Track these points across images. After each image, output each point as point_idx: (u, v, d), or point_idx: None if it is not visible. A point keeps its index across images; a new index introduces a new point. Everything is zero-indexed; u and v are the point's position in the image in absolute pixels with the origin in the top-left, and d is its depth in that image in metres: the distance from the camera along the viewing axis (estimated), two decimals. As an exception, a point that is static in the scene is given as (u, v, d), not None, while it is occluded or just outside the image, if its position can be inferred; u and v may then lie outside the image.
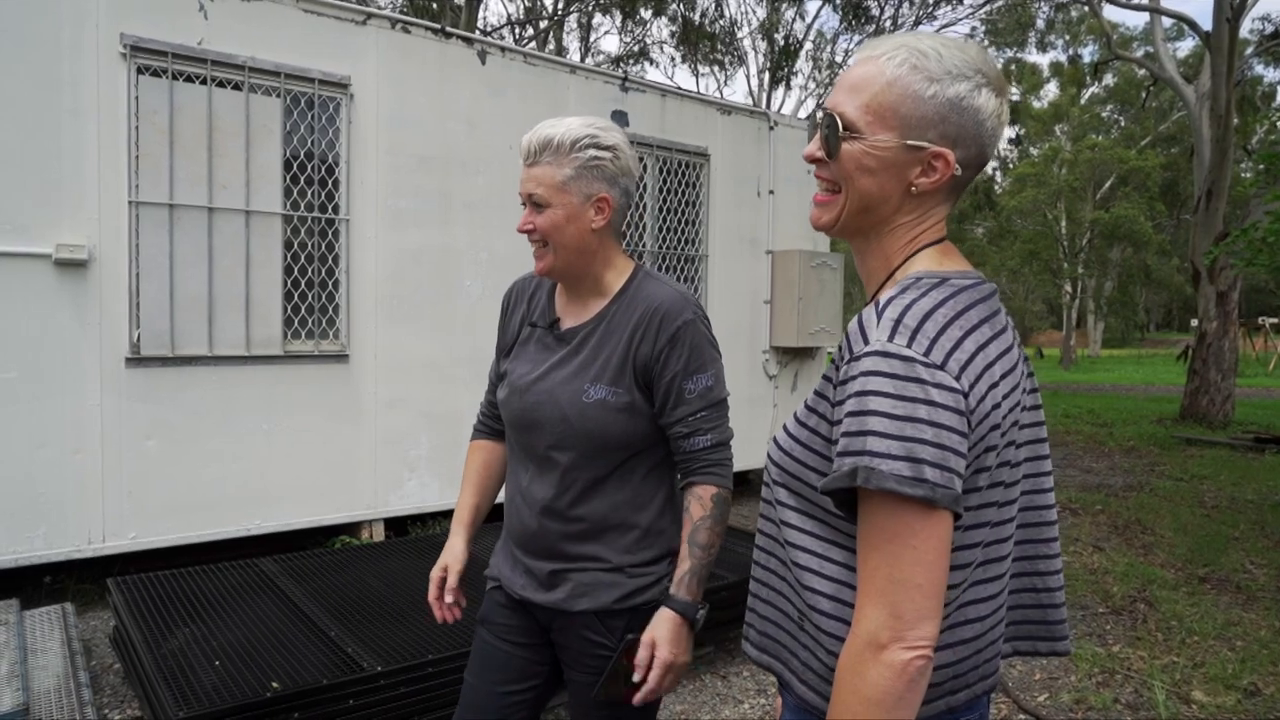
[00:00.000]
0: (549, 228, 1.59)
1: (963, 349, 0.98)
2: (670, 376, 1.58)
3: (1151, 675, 3.67)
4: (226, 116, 4.29)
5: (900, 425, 0.93)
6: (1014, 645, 1.17)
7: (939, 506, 0.93)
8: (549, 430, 1.61)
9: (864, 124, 1.06)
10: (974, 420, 0.97)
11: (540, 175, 1.57)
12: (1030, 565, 1.14)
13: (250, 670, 2.69)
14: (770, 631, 1.18)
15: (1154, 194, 28.05)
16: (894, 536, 0.94)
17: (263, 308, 4.44)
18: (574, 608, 1.62)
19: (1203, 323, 12.34)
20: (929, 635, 0.95)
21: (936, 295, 1.02)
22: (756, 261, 6.81)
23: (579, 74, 5.71)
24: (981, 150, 1.06)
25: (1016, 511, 1.09)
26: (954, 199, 1.13)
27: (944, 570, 0.96)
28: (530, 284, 1.81)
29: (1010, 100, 1.10)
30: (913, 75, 1.03)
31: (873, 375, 0.95)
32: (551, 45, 19.77)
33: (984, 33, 22.82)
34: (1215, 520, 6.47)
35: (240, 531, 4.44)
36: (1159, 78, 15.49)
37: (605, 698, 1.62)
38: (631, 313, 1.61)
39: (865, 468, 0.93)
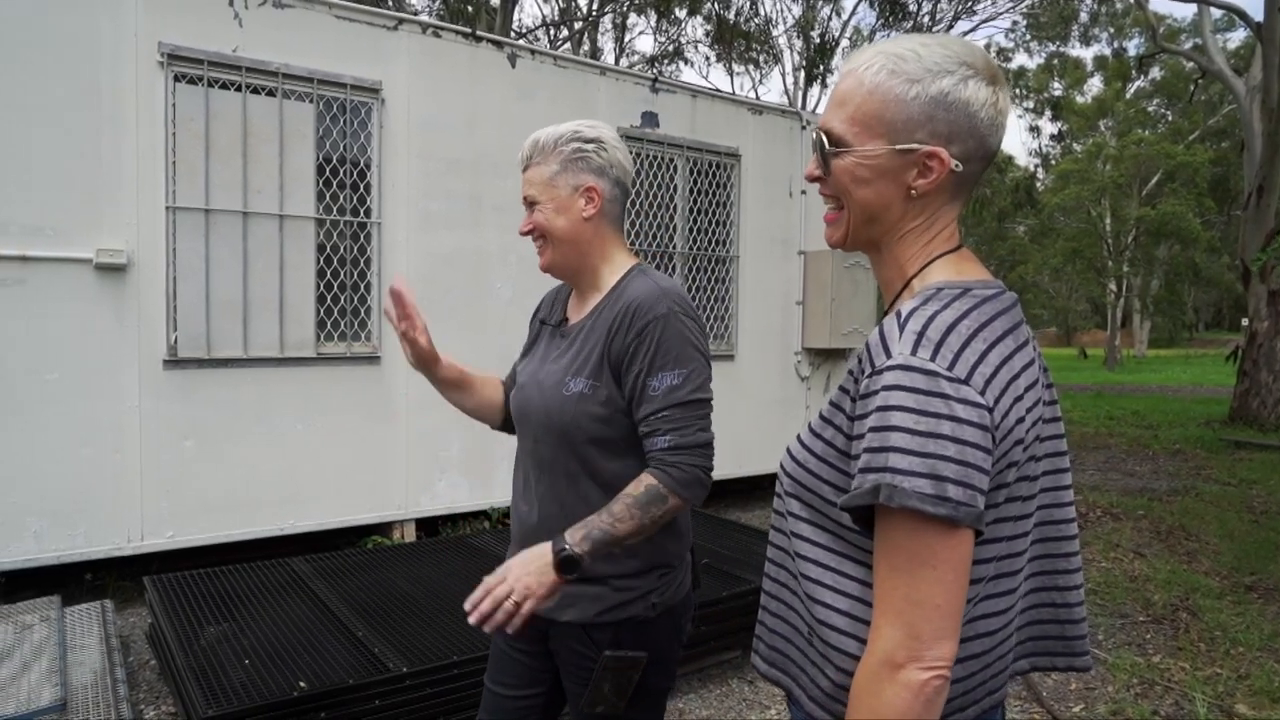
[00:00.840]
0: (542, 223, 1.64)
1: (987, 363, 0.96)
2: (636, 372, 1.54)
3: (1193, 687, 3.57)
4: (261, 122, 4.36)
5: (923, 442, 0.91)
6: (1031, 661, 1.14)
7: (961, 525, 0.91)
8: (535, 422, 1.65)
9: (851, 136, 1.05)
10: (998, 436, 0.95)
11: (530, 176, 1.65)
12: (1049, 580, 1.11)
13: (279, 669, 2.73)
14: (779, 646, 1.16)
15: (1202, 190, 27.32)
16: (914, 555, 0.92)
17: (296, 310, 4.51)
18: (561, 618, 1.61)
19: (1253, 322, 11.99)
20: (946, 655, 0.93)
21: (960, 307, 1.00)
22: (788, 262, 6.76)
23: (609, 75, 5.71)
24: (981, 142, 1.04)
25: (1033, 526, 1.06)
26: (963, 198, 1.10)
27: (963, 590, 0.94)
28: (556, 292, 1.86)
29: (1004, 87, 1.06)
30: (892, 80, 1.02)
31: (895, 390, 0.93)
32: (586, 46, 19.82)
33: (1025, 27, 22.44)
34: (1264, 527, 6.27)
35: (274, 531, 4.51)
36: (1207, 71, 15.08)
37: (589, 710, 1.61)
38: (615, 308, 1.61)
39: (888, 485, 0.91)
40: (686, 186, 6.10)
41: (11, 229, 3.79)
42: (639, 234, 5.84)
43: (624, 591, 1.60)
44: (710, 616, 3.40)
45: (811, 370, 6.90)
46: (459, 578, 3.70)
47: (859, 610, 1.02)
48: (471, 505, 5.19)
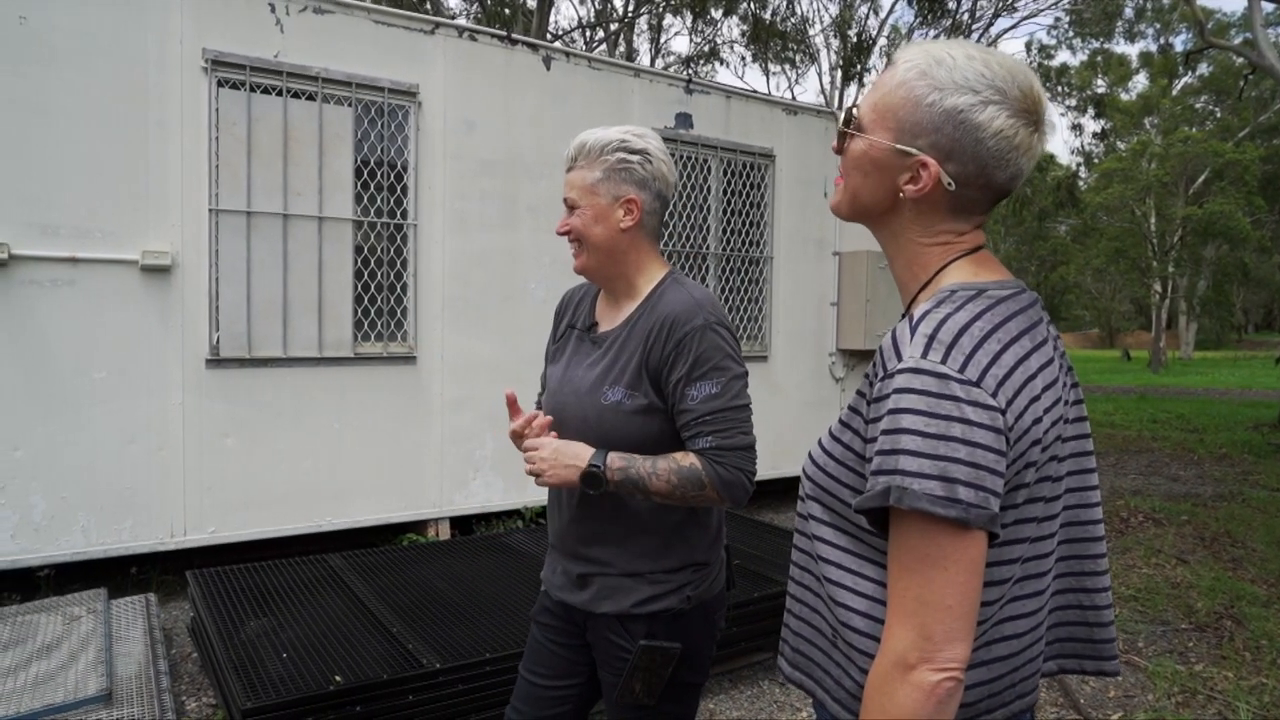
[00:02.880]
0: (580, 228, 1.66)
1: (1000, 364, 0.95)
2: (676, 381, 1.58)
3: (1236, 697, 3.48)
4: (301, 126, 4.44)
5: (933, 444, 0.91)
6: (1059, 663, 1.13)
7: (973, 527, 0.91)
8: (573, 430, 1.65)
9: (868, 122, 1.07)
10: (1013, 437, 0.94)
11: (573, 179, 1.66)
12: (1076, 581, 1.10)
13: (315, 663, 2.78)
14: (803, 649, 1.16)
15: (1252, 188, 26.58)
16: (925, 557, 0.92)
17: (334, 311, 4.58)
18: (598, 609, 1.67)
19: (1304, 324, 11.66)
20: (959, 657, 0.92)
21: (973, 308, 0.99)
22: (823, 263, 6.72)
23: (643, 77, 5.73)
24: (982, 170, 1.01)
25: (1058, 527, 1.05)
26: (970, 218, 1.08)
27: (976, 591, 0.93)
28: (579, 292, 1.87)
29: (1039, 127, 1.02)
30: (919, 81, 1.02)
31: (906, 393, 0.94)
32: (622, 48, 19.87)
33: (1068, 24, 22.04)
34: (1311, 533, 6.11)
35: (312, 528, 4.59)
36: (1258, 66, 14.69)
37: (623, 700, 1.65)
38: (651, 318, 1.64)
39: (898, 487, 0.92)
40: (720, 187, 6.09)
41: (62, 231, 3.91)
42: (673, 235, 5.84)
43: (659, 585, 1.65)
44: (741, 618, 3.39)
45: (846, 372, 6.85)
46: (493, 577, 3.74)
47: (878, 611, 1.02)
48: (505, 505, 5.24)
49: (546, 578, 1.81)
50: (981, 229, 1.10)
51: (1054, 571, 1.07)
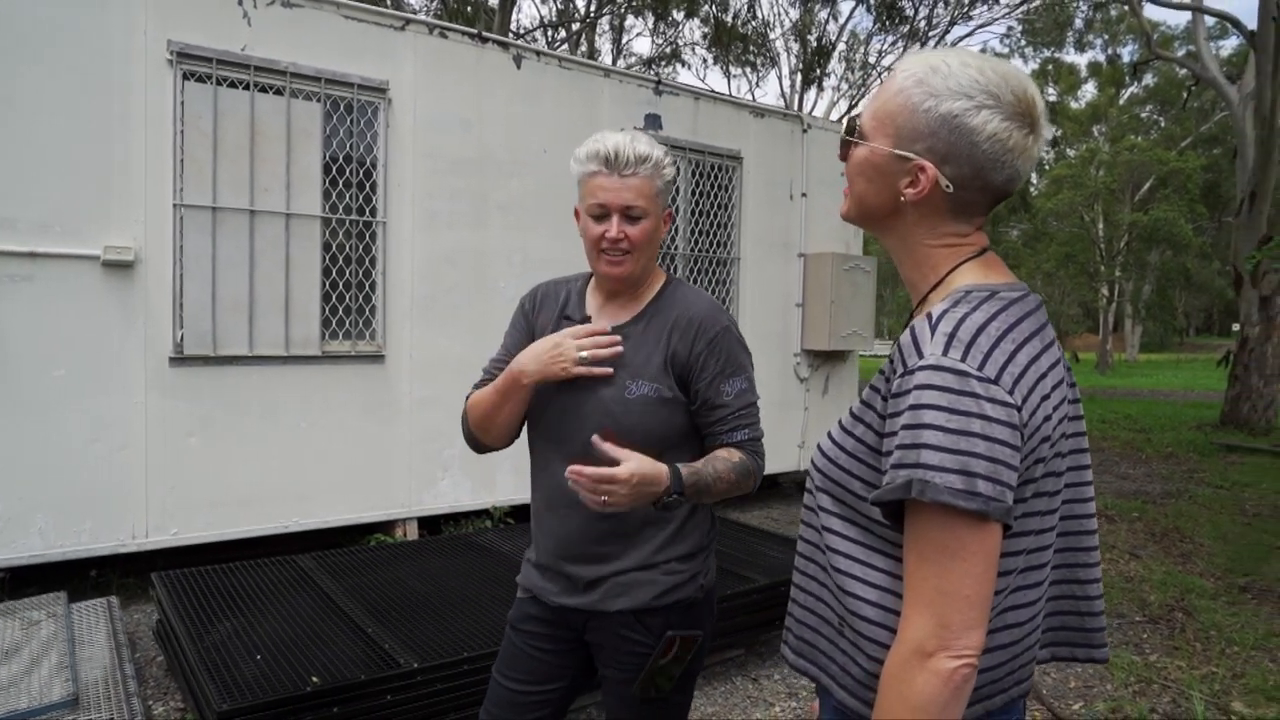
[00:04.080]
0: (642, 238, 1.65)
1: (1015, 363, 0.99)
2: (709, 380, 1.65)
3: (1190, 685, 3.61)
4: (268, 121, 4.37)
5: (954, 439, 0.94)
6: (1052, 651, 1.17)
7: (990, 519, 0.94)
8: (591, 425, 1.64)
9: (869, 129, 1.11)
10: (1026, 434, 0.98)
11: (640, 187, 1.63)
12: (1070, 573, 1.15)
13: (290, 664, 2.75)
14: (808, 637, 1.19)
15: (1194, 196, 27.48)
16: (944, 548, 0.96)
17: (301, 309, 4.52)
18: (612, 608, 1.66)
19: (1244, 328, 12.09)
20: (975, 644, 0.96)
21: (989, 309, 1.03)
22: (789, 264, 6.80)
23: (613, 78, 5.75)
24: (978, 171, 1.05)
25: (1057, 520, 1.09)
26: (971, 219, 1.12)
27: (992, 581, 0.97)
28: (554, 287, 1.85)
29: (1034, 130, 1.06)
30: (916, 89, 1.07)
31: (927, 389, 0.97)
32: (584, 47, 19.85)
33: (1021, 32, 22.54)
34: (1256, 529, 6.34)
35: (278, 528, 4.53)
36: (1201, 78, 15.19)
37: (644, 693, 1.66)
38: (668, 316, 1.68)
39: (920, 480, 0.95)
40: (689, 188, 6.14)
41: (20, 225, 3.80)
42: (641, 235, 5.87)
43: (675, 575, 1.67)
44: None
45: (810, 372, 6.94)
46: (466, 576, 3.72)
47: (888, 601, 1.06)
48: (474, 504, 5.21)
49: (537, 585, 1.76)
50: (983, 230, 1.14)
51: (1051, 564, 1.11)
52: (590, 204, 1.64)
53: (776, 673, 3.68)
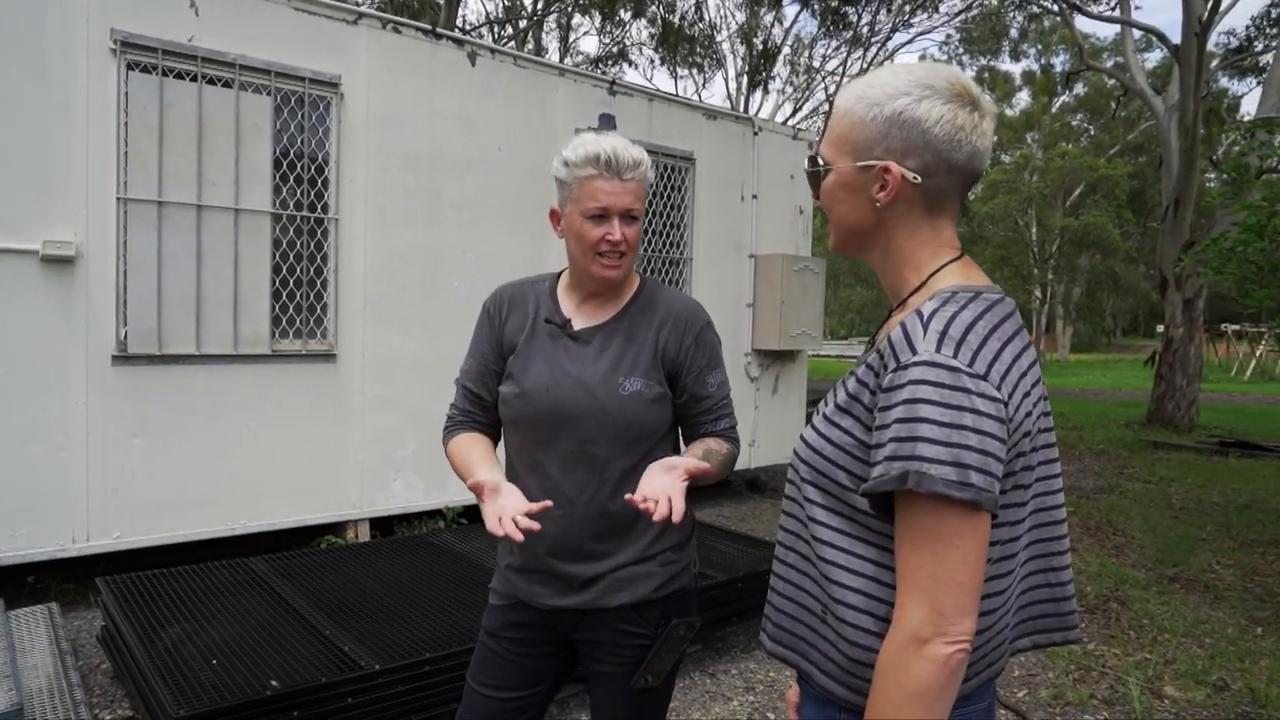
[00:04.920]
0: (637, 239, 1.72)
1: (1001, 360, 1.04)
2: (696, 373, 1.73)
3: (1126, 672, 3.78)
4: (216, 114, 4.27)
5: (948, 432, 0.99)
6: (1033, 639, 1.22)
7: (982, 508, 0.99)
8: (586, 423, 1.64)
9: (830, 156, 1.18)
10: (1011, 428, 1.03)
11: (638, 190, 1.68)
12: (1044, 562, 1.20)
13: (248, 669, 2.70)
14: (788, 625, 1.22)
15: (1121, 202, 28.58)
16: (938, 537, 1.00)
17: (251, 306, 4.43)
18: (611, 603, 1.66)
19: (1169, 329, 12.61)
20: (968, 630, 1.01)
21: (976, 308, 1.08)
22: (740, 265, 6.88)
23: (568, 77, 5.75)
24: (938, 156, 1.11)
25: (1029, 512, 1.14)
26: (944, 210, 1.17)
27: (982, 568, 1.02)
28: (519, 290, 1.82)
29: (978, 107, 1.13)
30: (857, 105, 1.14)
31: (922, 384, 1.01)
32: (530, 45, 19.75)
33: (959, 40, 23.13)
34: (1183, 522, 6.64)
35: (225, 531, 4.43)
36: (1129, 88, 15.79)
37: (647, 684, 1.68)
38: (652, 314, 1.73)
39: (916, 472, 0.99)
40: (642, 189, 6.16)
41: (-47, 218, 3.65)
42: (595, 235, 5.88)
43: (671, 566, 1.71)
44: (675, 611, 3.46)
45: (761, 371, 7.04)
46: (423, 576, 3.70)
47: (873, 589, 1.09)
48: (427, 505, 5.17)
49: (524, 590, 1.73)
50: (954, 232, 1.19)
51: (1024, 554, 1.16)
52: (590, 206, 1.63)
53: (734, 668, 3.74)
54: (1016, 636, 1.20)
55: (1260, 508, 7.22)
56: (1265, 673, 3.80)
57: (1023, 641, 1.21)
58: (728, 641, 3.99)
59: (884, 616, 1.09)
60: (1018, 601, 1.18)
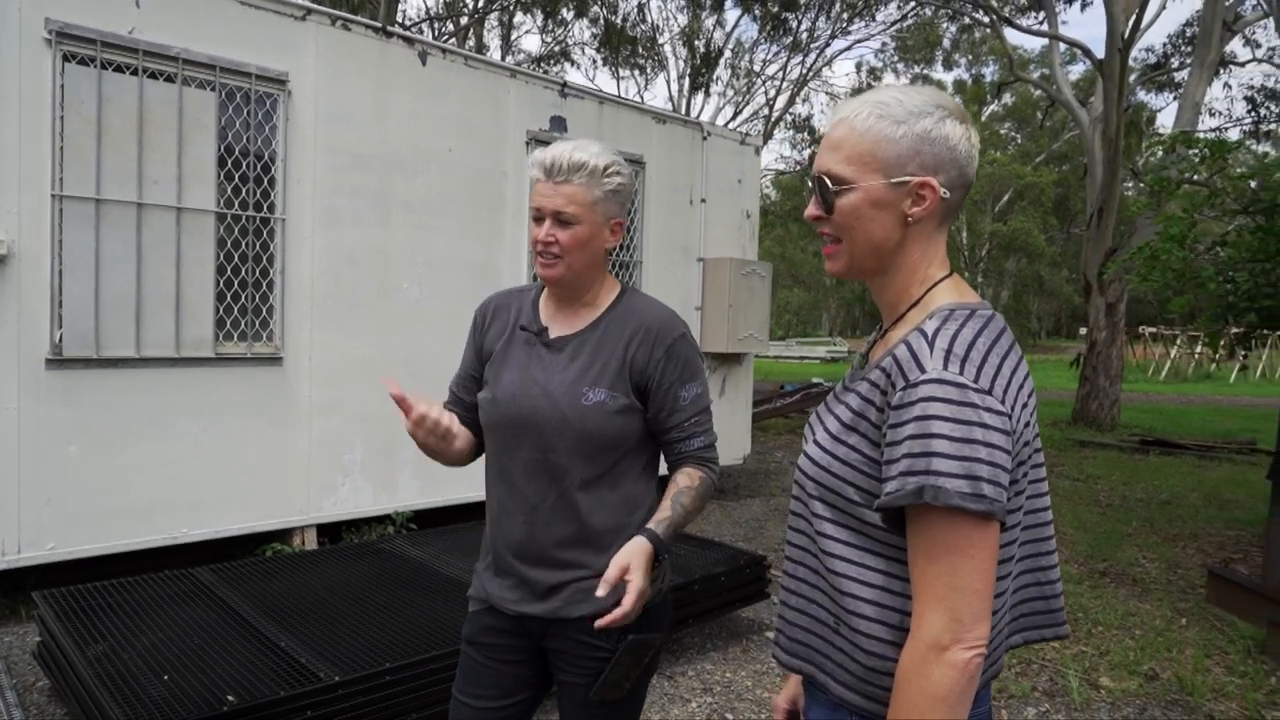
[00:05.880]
0: (573, 244, 1.67)
1: (1001, 375, 1.09)
2: (667, 386, 1.68)
3: (1064, 664, 3.93)
4: (158, 109, 4.14)
5: (959, 446, 1.03)
6: (1024, 636, 1.27)
7: (993, 518, 1.03)
8: (547, 431, 1.66)
9: (851, 174, 1.18)
10: (1015, 439, 1.08)
11: (572, 194, 1.65)
12: (1034, 562, 1.25)
13: (201, 683, 2.63)
14: (801, 638, 1.26)
15: (1047, 208, 29.65)
16: (954, 548, 1.04)
17: (194, 308, 4.30)
18: (572, 614, 1.67)
19: (1093, 332, 13.13)
20: (984, 635, 1.05)
21: (975, 325, 1.12)
22: (688, 269, 6.94)
23: (519, 78, 5.72)
24: (961, 171, 1.18)
25: (1022, 515, 1.20)
26: (948, 224, 1.24)
27: (993, 574, 1.06)
28: (507, 298, 1.86)
29: (969, 126, 1.21)
30: (880, 123, 1.16)
31: (933, 401, 1.05)
32: (472, 42, 19.54)
33: (894, 49, 23.69)
34: (1110, 518, 6.93)
35: (167, 540, 4.29)
36: (1055, 99, 16.40)
37: (604, 697, 1.68)
38: (625, 324, 1.71)
39: (932, 486, 1.03)
40: (592, 191, 6.16)
41: (-127, 214, 3.46)
42: (546, 237, 5.86)
43: None
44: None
45: (709, 374, 7.11)
46: (377, 584, 3.64)
47: (885, 599, 1.13)
48: (375, 510, 5.09)
49: (495, 594, 1.75)
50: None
51: (1017, 555, 1.21)
52: (531, 208, 1.70)
53: (690, 669, 3.78)
54: (1009, 634, 1.24)
55: (1179, 503, 7.58)
56: (1190, 661, 4.00)
57: (1015, 639, 1.25)
58: (684, 644, 4.03)
59: (896, 625, 1.12)
60: (1011, 600, 1.23)
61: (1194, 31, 15.38)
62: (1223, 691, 3.70)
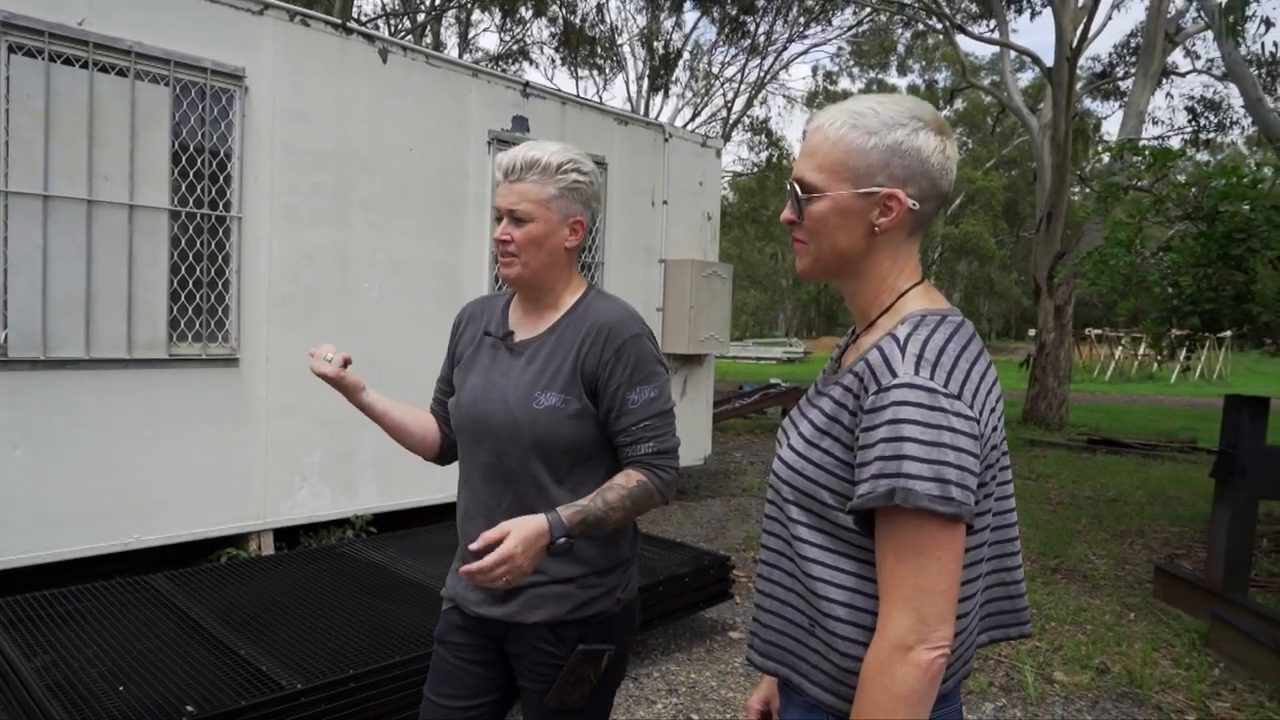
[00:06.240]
0: (527, 241, 1.67)
1: (970, 380, 1.11)
2: (615, 387, 1.65)
3: (1020, 660, 4.02)
4: (110, 104, 4.02)
5: (929, 450, 1.05)
6: (990, 634, 1.30)
7: (961, 520, 1.05)
8: (501, 435, 1.66)
9: (821, 182, 1.20)
10: (983, 443, 1.10)
11: (525, 191, 1.65)
12: (1000, 562, 1.28)
13: (158, 693, 2.57)
14: (775, 640, 1.27)
15: (997, 212, 30.31)
16: (921, 549, 1.06)
17: (147, 308, 4.19)
18: (528, 619, 1.67)
19: (1042, 333, 13.46)
20: (948, 635, 1.07)
21: (945, 331, 1.15)
22: (650, 270, 6.95)
23: (481, 78, 5.68)
24: (934, 183, 1.19)
25: (990, 517, 1.22)
26: (920, 234, 1.26)
27: (958, 576, 1.08)
28: (483, 305, 1.88)
29: (949, 137, 1.22)
30: (853, 133, 1.18)
31: (904, 405, 1.07)
32: (429, 39, 19.34)
33: (850, 54, 24.00)
34: (1061, 516, 7.11)
35: (118, 546, 4.17)
36: (1007, 106, 16.76)
37: (559, 705, 1.68)
38: (581, 325, 1.70)
39: (902, 489, 1.04)
40: (554, 192, 6.14)
41: None
42: (508, 238, 5.82)
43: (591, 589, 1.68)
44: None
45: (670, 375, 7.11)
46: (337, 589, 3.59)
47: (857, 601, 1.15)
48: (334, 514, 5.01)
49: (460, 593, 1.76)
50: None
51: (985, 557, 1.24)
52: (495, 209, 1.71)
53: (655, 670, 3.79)
54: (978, 633, 1.27)
55: (1126, 501, 7.81)
56: (1139, 655, 4.12)
57: (981, 637, 1.28)
58: (649, 645, 4.04)
59: (868, 626, 1.14)
60: (980, 599, 1.25)
61: (1138, 42, 15.86)
62: (1170, 683, 3.83)
